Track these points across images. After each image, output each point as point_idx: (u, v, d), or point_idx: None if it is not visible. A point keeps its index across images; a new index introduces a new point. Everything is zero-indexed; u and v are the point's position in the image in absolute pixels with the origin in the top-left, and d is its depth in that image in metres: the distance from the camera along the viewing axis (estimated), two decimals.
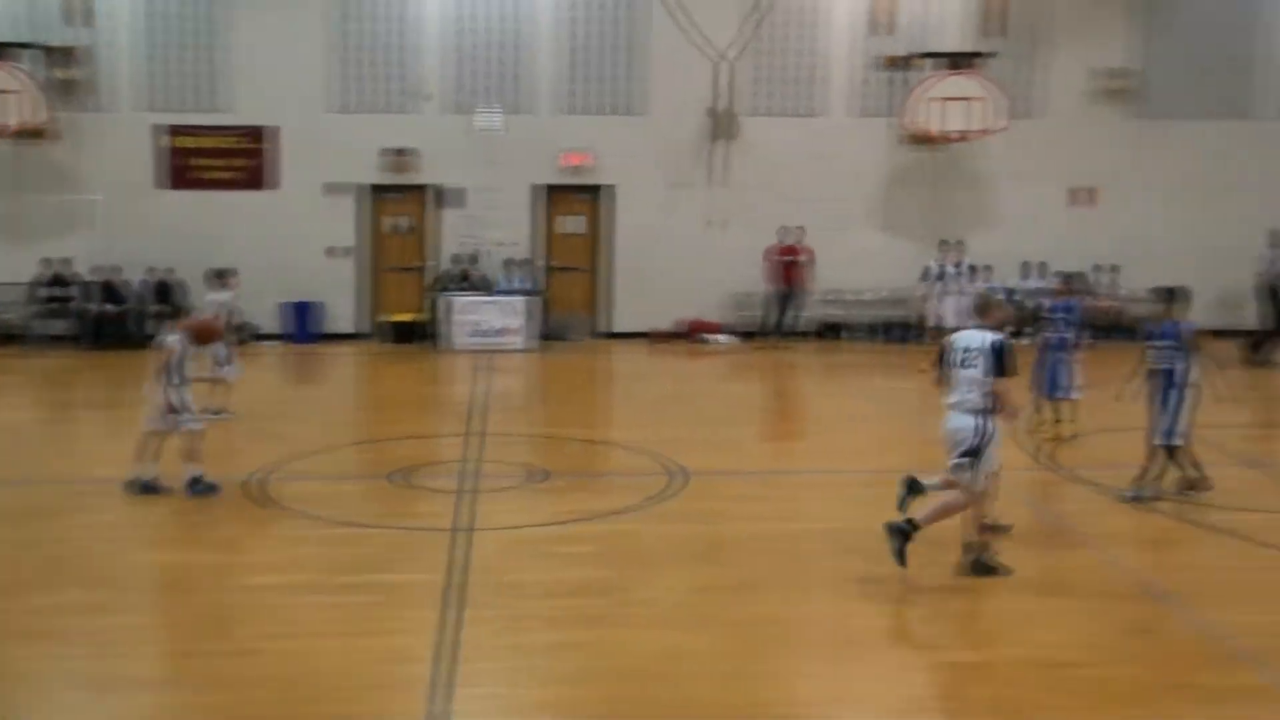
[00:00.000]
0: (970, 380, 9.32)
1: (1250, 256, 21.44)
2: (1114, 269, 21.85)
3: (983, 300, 9.96)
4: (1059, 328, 14.38)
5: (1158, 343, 11.51)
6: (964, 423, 9.37)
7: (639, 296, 21.94)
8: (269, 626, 8.55)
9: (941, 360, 9.60)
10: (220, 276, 15.49)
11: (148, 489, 11.51)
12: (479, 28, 21.40)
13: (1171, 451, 11.63)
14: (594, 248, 22.25)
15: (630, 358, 20.77)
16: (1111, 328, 21.53)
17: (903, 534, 9.33)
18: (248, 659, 8.00)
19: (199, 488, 11.54)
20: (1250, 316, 21.78)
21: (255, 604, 8.99)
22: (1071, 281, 15.28)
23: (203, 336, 12.30)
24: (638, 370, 20.02)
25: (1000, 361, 9.24)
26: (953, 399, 9.46)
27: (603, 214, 22.07)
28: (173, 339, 11.67)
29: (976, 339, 9.42)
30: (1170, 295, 11.65)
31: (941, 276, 19.64)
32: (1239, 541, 10.68)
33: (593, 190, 22.00)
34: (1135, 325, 21.72)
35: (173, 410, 11.53)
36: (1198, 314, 12.00)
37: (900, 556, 9.29)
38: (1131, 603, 9.21)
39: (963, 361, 9.38)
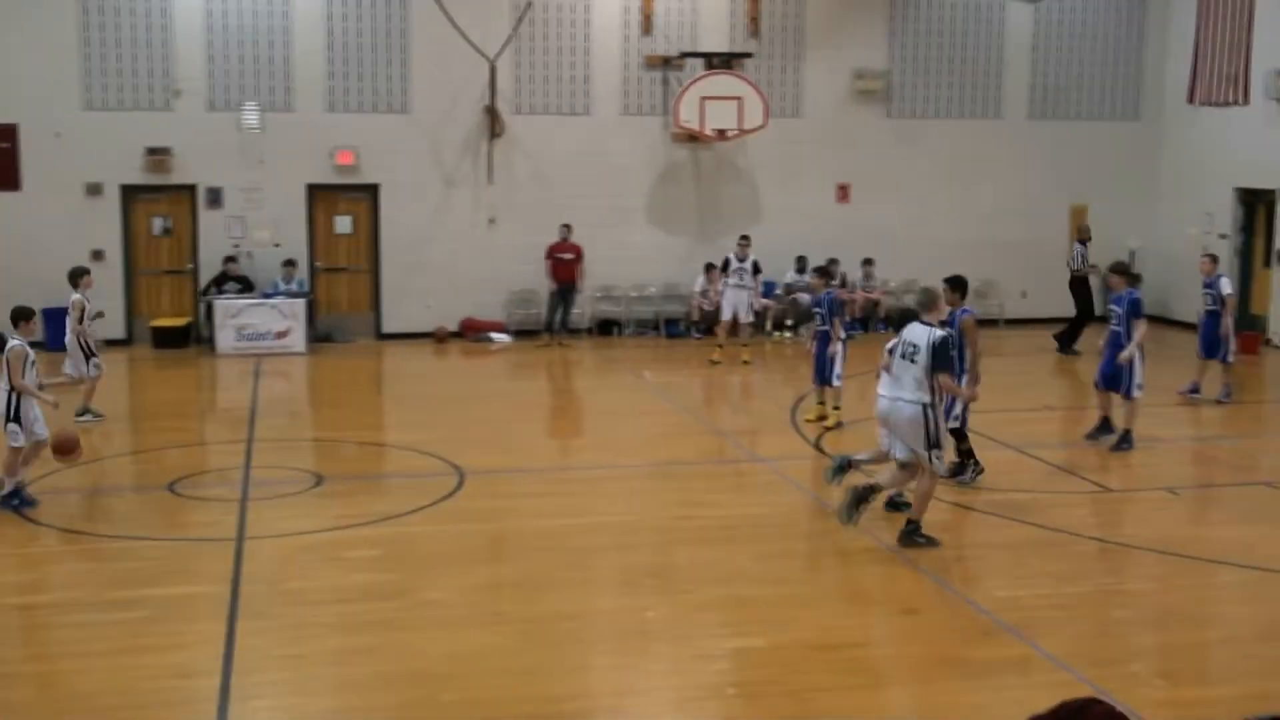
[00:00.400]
0: (911, 373, 10.00)
1: (997, 247, 22.65)
2: (868, 262, 22.69)
3: (928, 296, 10.48)
4: (820, 320, 14.98)
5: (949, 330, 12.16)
6: (912, 413, 10.03)
7: (417, 296, 21.72)
8: (35, 648, 8.21)
9: (890, 351, 10.38)
10: (73, 278, 15.06)
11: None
12: (242, 24, 20.78)
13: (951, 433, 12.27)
14: (371, 247, 21.90)
15: (409, 358, 20.54)
16: (867, 319, 22.44)
17: (861, 498, 10.21)
18: (10, 683, 7.66)
19: (15, 501, 11.02)
20: (996, 306, 23.03)
21: (20, 625, 8.61)
22: (826, 274, 15.91)
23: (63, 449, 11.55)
24: (417, 370, 19.83)
25: (935, 357, 9.92)
26: (893, 389, 10.17)
27: (378, 213, 21.73)
28: (18, 342, 11.17)
29: (922, 334, 10.05)
30: (958, 284, 12.31)
31: (726, 269, 20.14)
32: (998, 520, 11.28)
33: (366, 189, 21.66)
34: (892, 315, 22.72)
35: (12, 420, 11.02)
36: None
37: (851, 513, 10.27)
38: (903, 584, 9.63)
39: (909, 355, 10.07)
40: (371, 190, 21.64)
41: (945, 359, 10.00)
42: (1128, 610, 9.26)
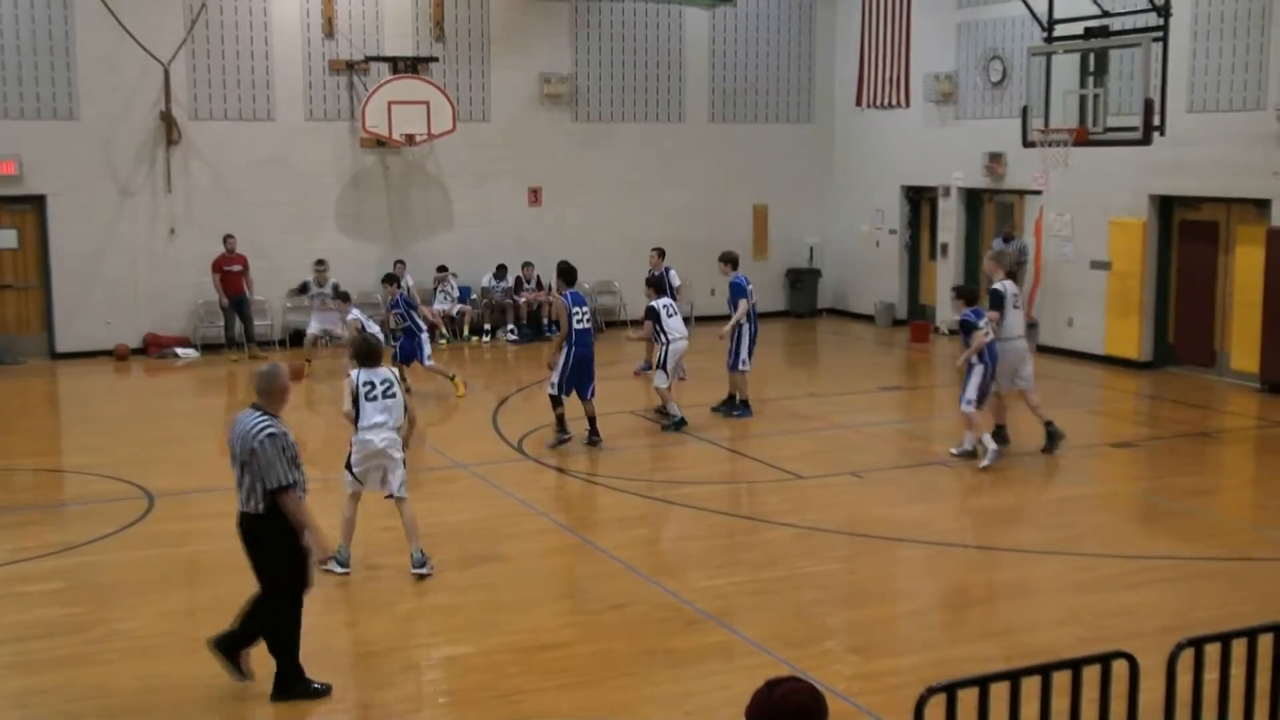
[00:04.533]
0: None
1: (686, 247, 23.33)
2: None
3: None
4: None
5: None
6: None
7: (94, 312, 20.55)
8: None
9: None
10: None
11: None
12: None
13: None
14: (40, 262, 20.57)
15: (88, 378, 19.41)
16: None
17: None
18: None
19: None
20: (686, 305, 23.68)
21: None
22: (393, 279, 17.70)
23: None
24: (97, 390, 18.74)
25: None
26: None
27: (46, 225, 20.44)
28: None
29: None
30: (563, 271, 14.20)
31: (306, 291, 19.91)
32: (695, 511, 11.61)
33: (31, 200, 20.34)
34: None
35: None
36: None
37: None
38: (608, 581, 9.80)
39: None
40: (38, 201, 20.37)
41: None
42: (820, 591, 9.70)
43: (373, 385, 9.63)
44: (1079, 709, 5.44)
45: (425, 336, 16.94)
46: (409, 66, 21.74)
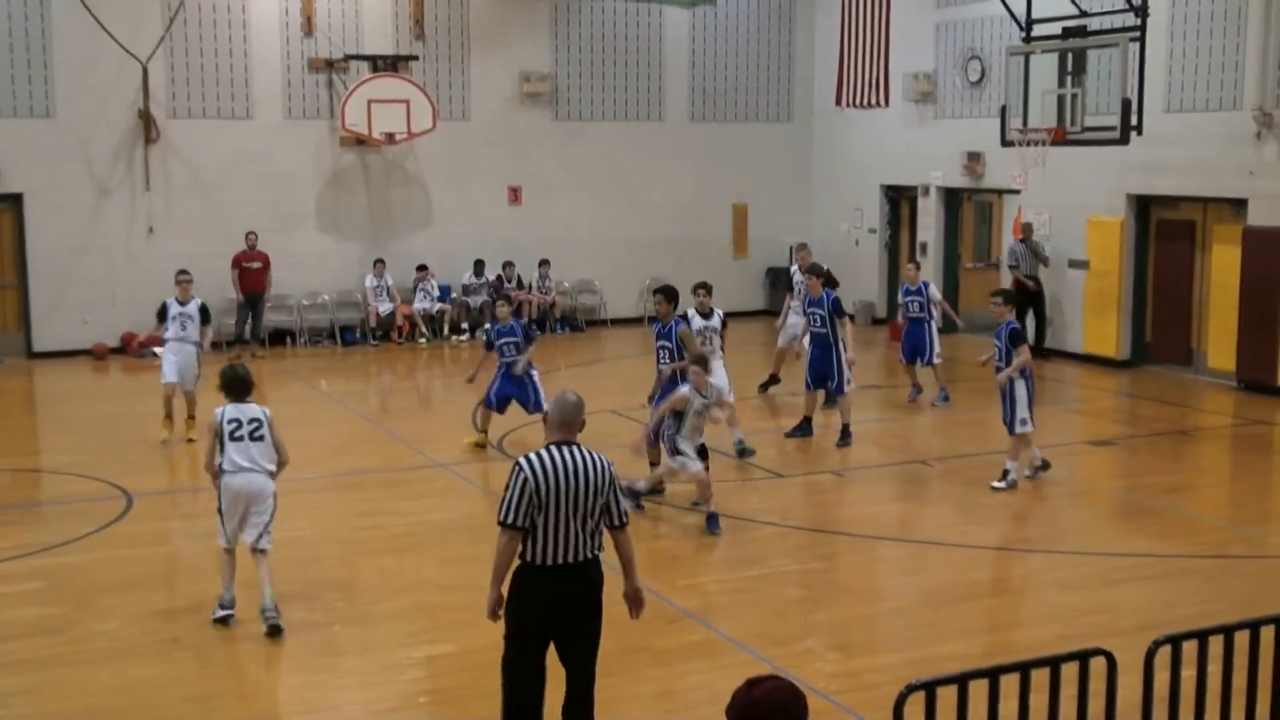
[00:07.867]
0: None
1: (667, 246, 23.32)
2: (544, 263, 22.88)
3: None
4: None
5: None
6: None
7: (72, 311, 20.44)
8: None
9: None
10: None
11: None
12: None
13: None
14: (16, 261, 20.44)
15: (66, 377, 19.29)
16: (544, 319, 22.69)
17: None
18: None
19: None
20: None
21: None
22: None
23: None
24: (75, 390, 18.61)
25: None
26: None
27: (23, 224, 20.31)
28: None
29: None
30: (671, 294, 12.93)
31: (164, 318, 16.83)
32: (678, 509, 11.60)
33: (7, 199, 20.21)
34: (568, 315, 23.07)
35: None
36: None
37: None
38: None
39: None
40: (14, 200, 20.25)
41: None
42: (802, 589, 9.72)
43: (239, 423, 8.76)
44: (1057, 706, 5.46)
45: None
46: (389, 65, 21.70)
